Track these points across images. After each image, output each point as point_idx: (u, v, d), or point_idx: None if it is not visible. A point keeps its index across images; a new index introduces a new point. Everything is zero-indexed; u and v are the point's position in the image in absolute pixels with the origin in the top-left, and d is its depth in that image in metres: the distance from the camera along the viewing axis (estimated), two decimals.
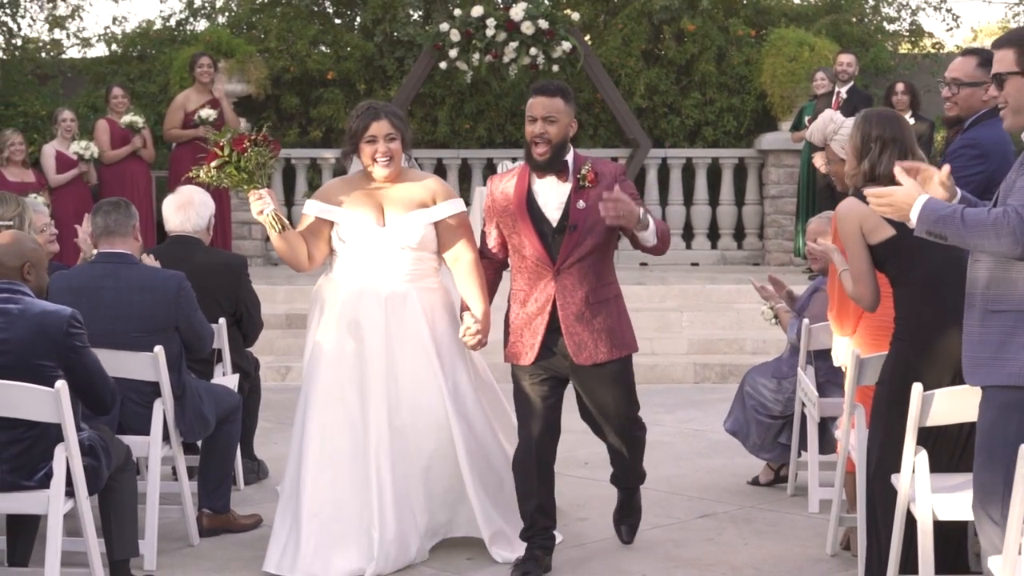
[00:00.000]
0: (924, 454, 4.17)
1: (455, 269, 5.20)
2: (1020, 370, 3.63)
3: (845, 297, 4.80)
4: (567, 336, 4.96)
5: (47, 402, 4.27)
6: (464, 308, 5.17)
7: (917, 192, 3.72)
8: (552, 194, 4.98)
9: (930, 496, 4.14)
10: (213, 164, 4.90)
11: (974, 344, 3.76)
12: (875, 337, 4.90)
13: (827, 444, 5.94)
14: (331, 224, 5.12)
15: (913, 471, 4.19)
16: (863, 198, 4.39)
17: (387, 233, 5.08)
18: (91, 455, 4.50)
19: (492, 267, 5.22)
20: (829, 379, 5.95)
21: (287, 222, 5.05)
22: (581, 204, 4.94)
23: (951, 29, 15.09)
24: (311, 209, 5.15)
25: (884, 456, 4.45)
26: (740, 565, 5.19)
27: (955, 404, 4.19)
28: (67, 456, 4.34)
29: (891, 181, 4.38)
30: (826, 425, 5.89)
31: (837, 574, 5.08)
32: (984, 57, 5.25)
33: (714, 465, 6.96)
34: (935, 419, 4.23)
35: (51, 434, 4.35)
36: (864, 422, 4.95)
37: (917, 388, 4.15)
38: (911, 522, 4.23)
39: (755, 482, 6.52)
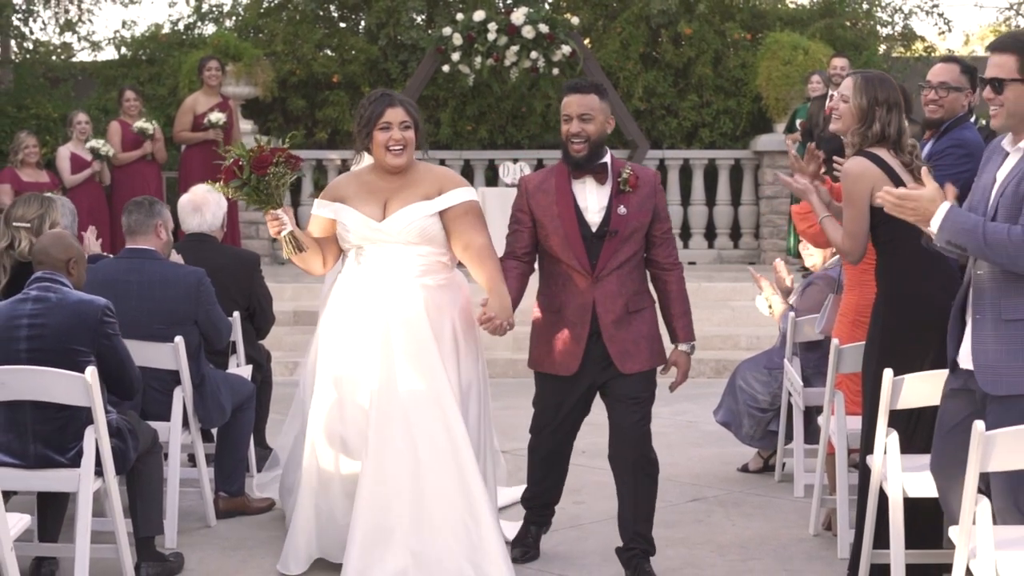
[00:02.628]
0: (895, 435, 4.46)
1: (466, 258, 4.92)
2: None
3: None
4: (610, 344, 4.82)
5: (78, 386, 4.58)
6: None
7: (940, 199, 3.79)
8: (592, 197, 4.86)
9: (901, 475, 4.44)
10: (232, 184, 4.77)
11: (989, 353, 3.85)
12: (858, 316, 5.18)
13: (812, 433, 6.23)
14: (335, 222, 4.98)
15: (885, 452, 4.50)
16: (871, 158, 4.57)
17: (384, 228, 4.86)
18: (118, 437, 4.82)
19: (519, 270, 4.96)
20: (815, 370, 6.25)
21: (303, 241, 4.92)
22: (622, 210, 4.81)
23: (943, 33, 15.29)
24: (317, 208, 5.02)
25: (870, 437, 4.74)
26: (727, 544, 5.50)
27: (931, 388, 4.46)
28: (96, 438, 4.64)
29: (895, 144, 4.62)
30: (811, 415, 6.19)
31: (818, 552, 5.38)
32: (964, 65, 5.52)
33: (706, 454, 7.26)
34: (909, 402, 4.51)
35: (81, 415, 4.66)
36: (843, 408, 5.25)
37: (888, 374, 4.45)
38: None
39: (744, 469, 6.83)
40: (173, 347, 5.47)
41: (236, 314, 6.40)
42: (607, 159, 4.89)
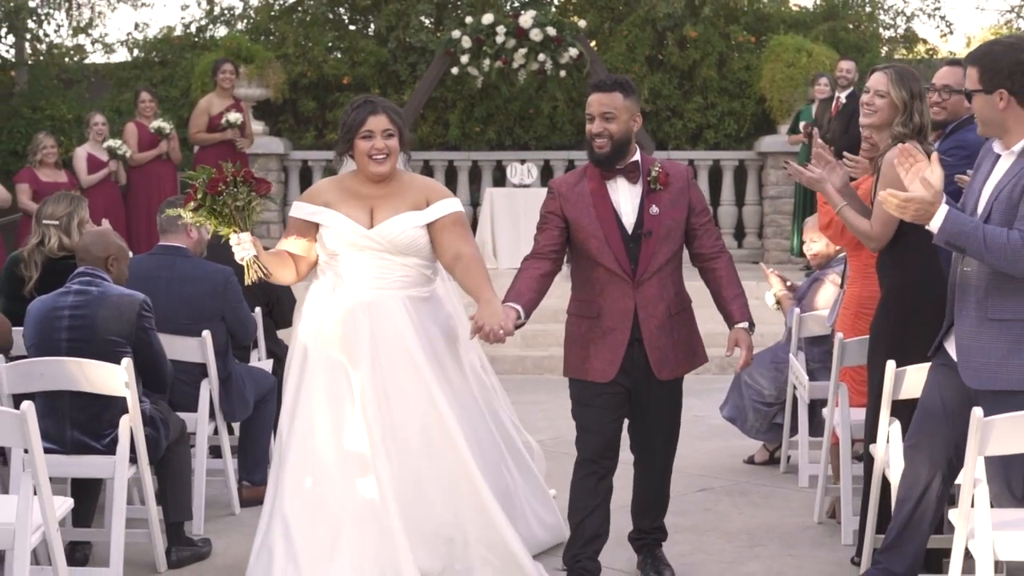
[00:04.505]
0: (897, 424, 4.65)
1: (457, 269, 4.73)
2: None
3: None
4: (650, 350, 4.67)
5: (114, 377, 4.78)
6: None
7: (940, 201, 3.96)
8: (624, 198, 4.71)
9: (902, 462, 4.62)
10: (188, 206, 4.58)
11: (971, 349, 4.05)
12: (860, 309, 5.36)
13: (817, 425, 6.42)
14: (317, 227, 4.77)
15: (888, 440, 4.69)
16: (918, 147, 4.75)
17: (374, 236, 4.70)
18: (151, 426, 5.04)
19: (541, 270, 4.71)
20: (820, 364, 6.44)
21: (268, 269, 4.69)
22: (655, 209, 4.67)
23: (945, 35, 15.50)
24: (298, 211, 4.81)
25: (874, 427, 4.93)
26: (734, 531, 5.69)
27: None
28: (131, 426, 4.84)
29: (924, 135, 4.77)
30: (816, 408, 6.37)
31: (822, 539, 5.56)
32: None
33: (712, 447, 7.45)
34: (912, 392, 4.67)
35: (116, 404, 4.87)
36: (847, 400, 5.44)
37: (890, 365, 4.63)
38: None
39: (750, 461, 7.03)
40: (200, 341, 5.67)
41: (257, 309, 6.60)
42: (637, 157, 4.73)
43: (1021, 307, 3.99)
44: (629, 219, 4.69)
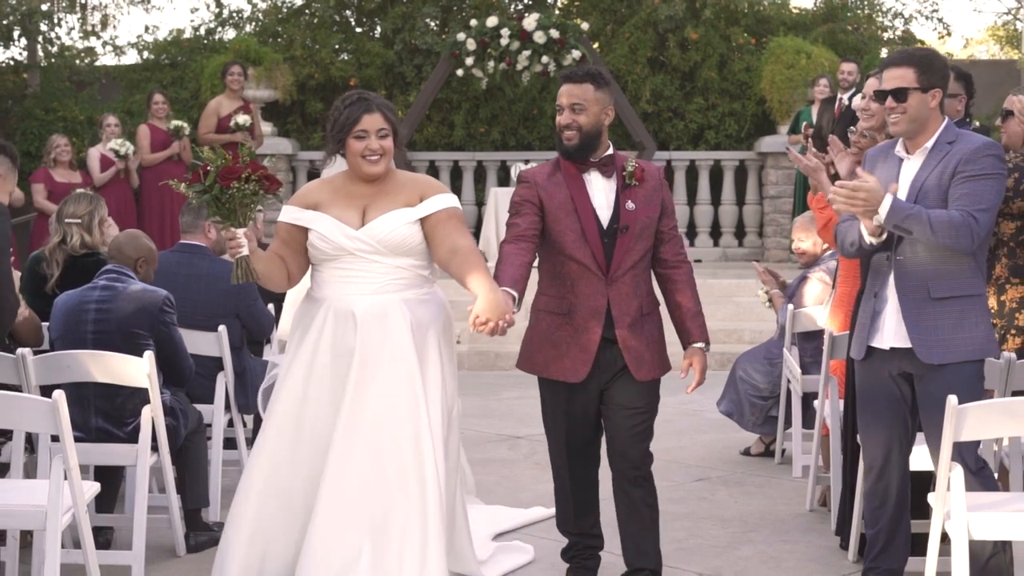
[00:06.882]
0: None
1: (453, 263, 4.37)
2: (976, 346, 4.31)
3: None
4: (625, 350, 4.53)
5: (137, 369, 5.00)
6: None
7: (883, 190, 4.22)
8: (599, 193, 4.58)
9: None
10: (194, 187, 4.27)
11: (919, 327, 4.33)
12: (852, 307, 5.57)
13: (811, 418, 6.63)
14: (306, 231, 4.47)
15: None
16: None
17: (362, 236, 4.41)
18: (171, 416, 5.28)
19: (523, 258, 4.47)
20: (812, 359, 6.66)
21: (256, 271, 4.37)
22: (630, 205, 4.55)
23: (943, 37, 15.70)
24: (284, 215, 4.52)
25: (854, 418, 5.15)
26: (729, 518, 5.92)
27: None
28: (152, 416, 5.07)
29: None
30: (809, 400, 6.59)
31: (813, 525, 5.79)
32: (959, 71, 5.90)
33: (710, 439, 7.67)
34: None
35: (138, 394, 5.11)
36: (838, 392, 5.66)
37: None
38: None
39: (746, 453, 7.25)
40: (217, 336, 5.91)
41: (270, 305, 6.83)
42: (611, 152, 4.62)
43: (959, 285, 4.31)
44: (604, 214, 4.56)
